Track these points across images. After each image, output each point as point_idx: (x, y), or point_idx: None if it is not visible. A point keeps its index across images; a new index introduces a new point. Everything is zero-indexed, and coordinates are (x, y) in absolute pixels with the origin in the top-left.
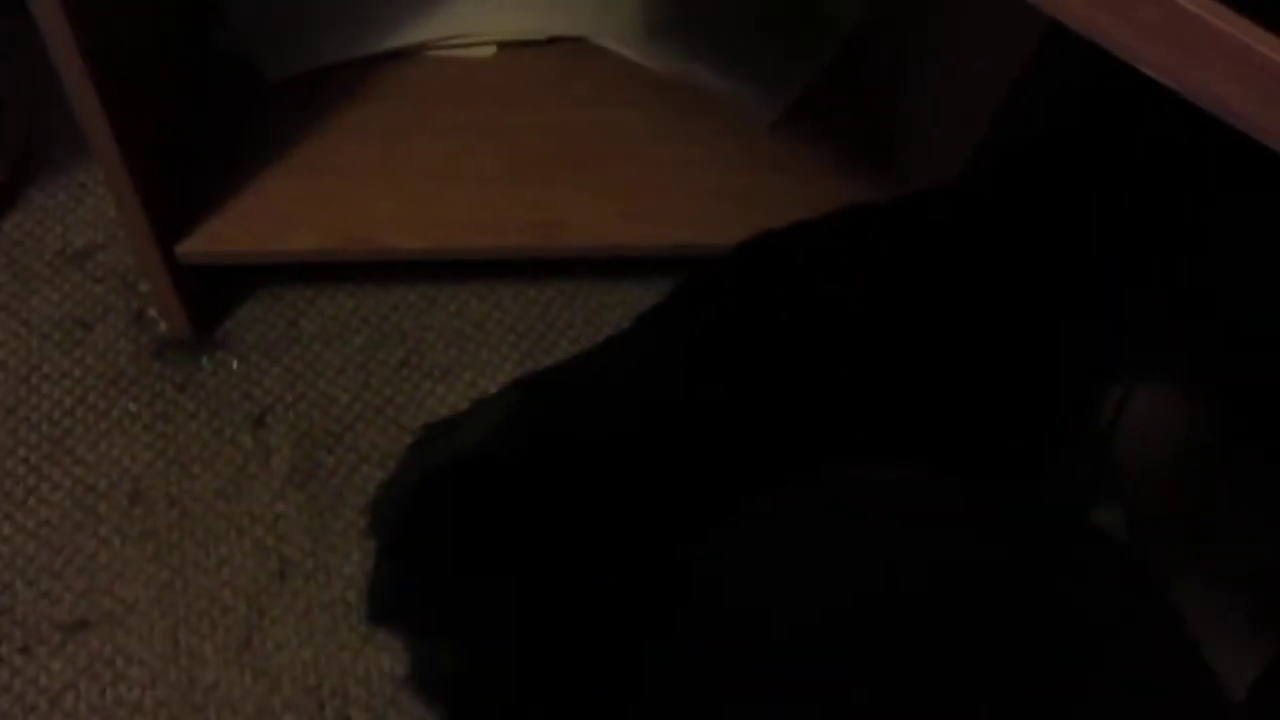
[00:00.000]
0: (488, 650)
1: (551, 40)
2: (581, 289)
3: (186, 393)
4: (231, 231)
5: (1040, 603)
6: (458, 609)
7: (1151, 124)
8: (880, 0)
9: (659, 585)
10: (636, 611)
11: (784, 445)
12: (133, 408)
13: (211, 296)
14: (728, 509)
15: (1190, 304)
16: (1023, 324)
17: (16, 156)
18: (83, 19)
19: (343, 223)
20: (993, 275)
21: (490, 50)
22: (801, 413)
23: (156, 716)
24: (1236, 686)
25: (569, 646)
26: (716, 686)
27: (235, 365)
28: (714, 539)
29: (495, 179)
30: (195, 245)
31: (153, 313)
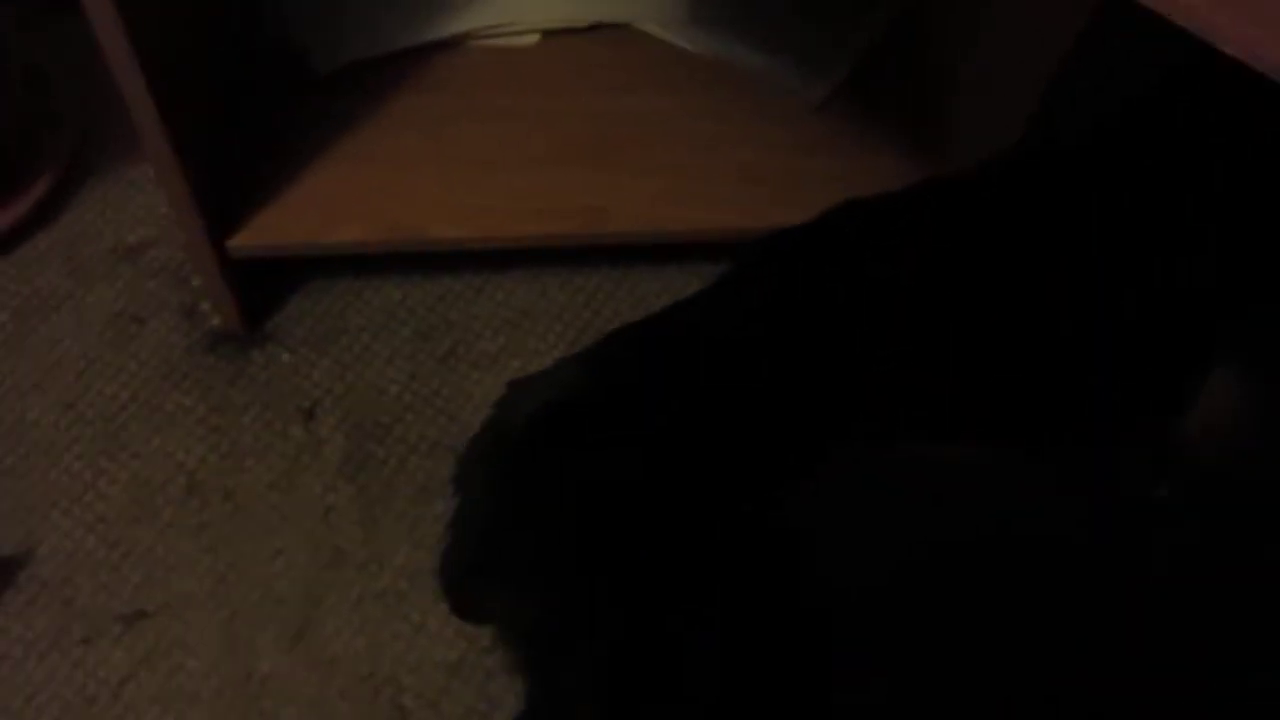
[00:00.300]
0: (565, 601)
1: (595, 27)
2: (628, 275)
3: (238, 386)
4: (281, 224)
5: (1112, 578)
6: (535, 561)
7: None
8: None
9: (720, 541)
10: (704, 565)
11: (832, 420)
12: (186, 401)
13: (261, 290)
14: (779, 476)
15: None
16: (1078, 305)
17: (70, 155)
18: (134, 17)
19: (390, 213)
20: (1047, 255)
21: (534, 38)
22: (848, 390)
23: (214, 706)
24: None
25: (642, 600)
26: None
27: (285, 358)
28: (792, 499)
29: (540, 167)
30: (245, 239)
31: (205, 307)
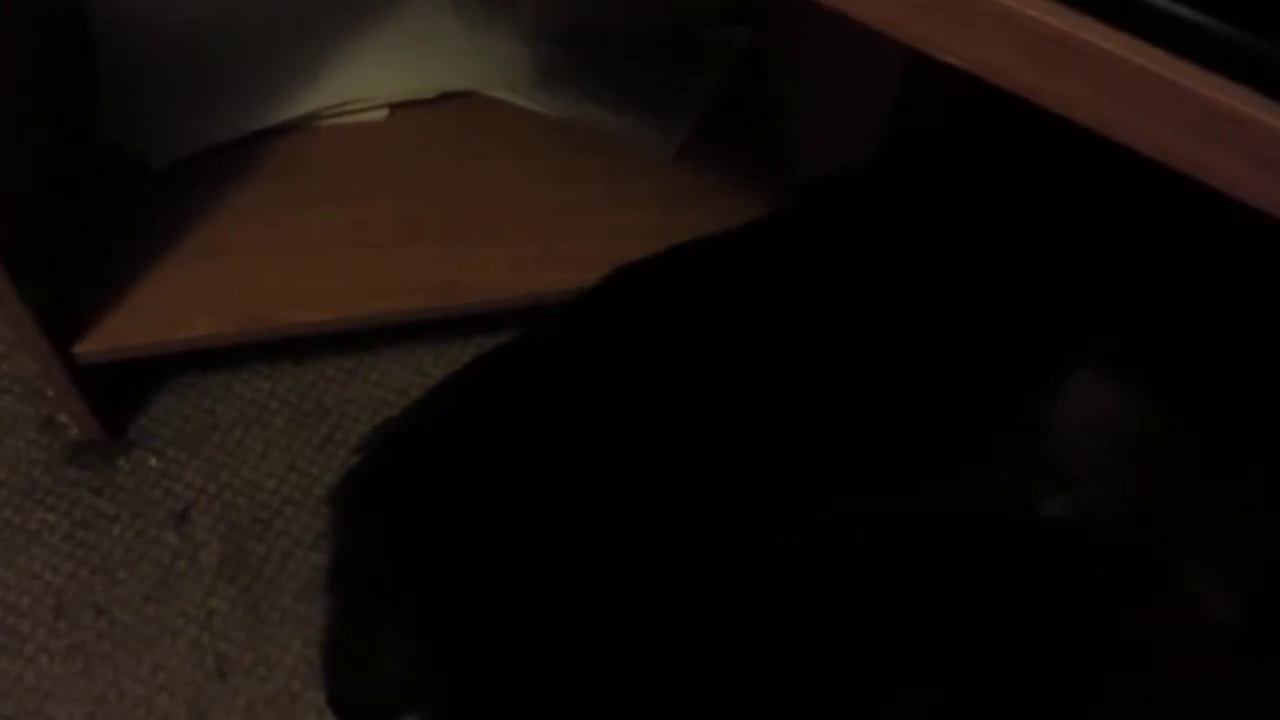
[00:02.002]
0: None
1: (443, 97)
2: (502, 341)
3: (105, 496)
4: (128, 327)
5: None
6: (424, 598)
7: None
8: (765, 16)
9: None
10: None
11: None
12: (50, 518)
13: (122, 394)
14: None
15: (1122, 288)
16: (944, 319)
17: None
18: None
19: (242, 304)
20: (906, 272)
21: (382, 114)
22: (725, 445)
23: None
24: None
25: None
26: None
27: (153, 462)
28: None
29: (396, 243)
30: (93, 345)
31: (62, 418)
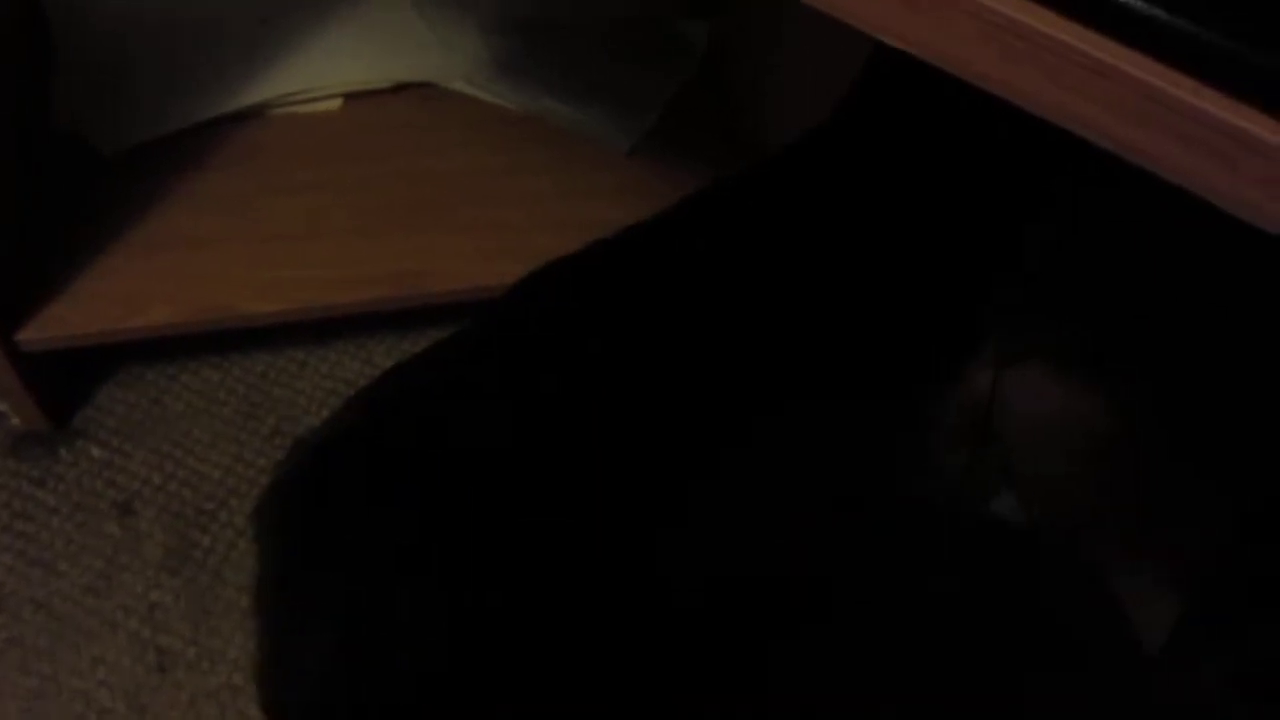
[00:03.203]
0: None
1: (399, 88)
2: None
3: (46, 488)
4: (75, 315)
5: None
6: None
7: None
8: (727, 11)
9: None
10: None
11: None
12: None
13: (66, 383)
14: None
15: (1055, 277)
16: (869, 306)
17: None
18: None
19: (195, 294)
20: (833, 258)
21: (336, 103)
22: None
23: None
24: None
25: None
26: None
27: (96, 452)
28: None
29: (352, 233)
30: (36, 332)
31: (3, 407)
